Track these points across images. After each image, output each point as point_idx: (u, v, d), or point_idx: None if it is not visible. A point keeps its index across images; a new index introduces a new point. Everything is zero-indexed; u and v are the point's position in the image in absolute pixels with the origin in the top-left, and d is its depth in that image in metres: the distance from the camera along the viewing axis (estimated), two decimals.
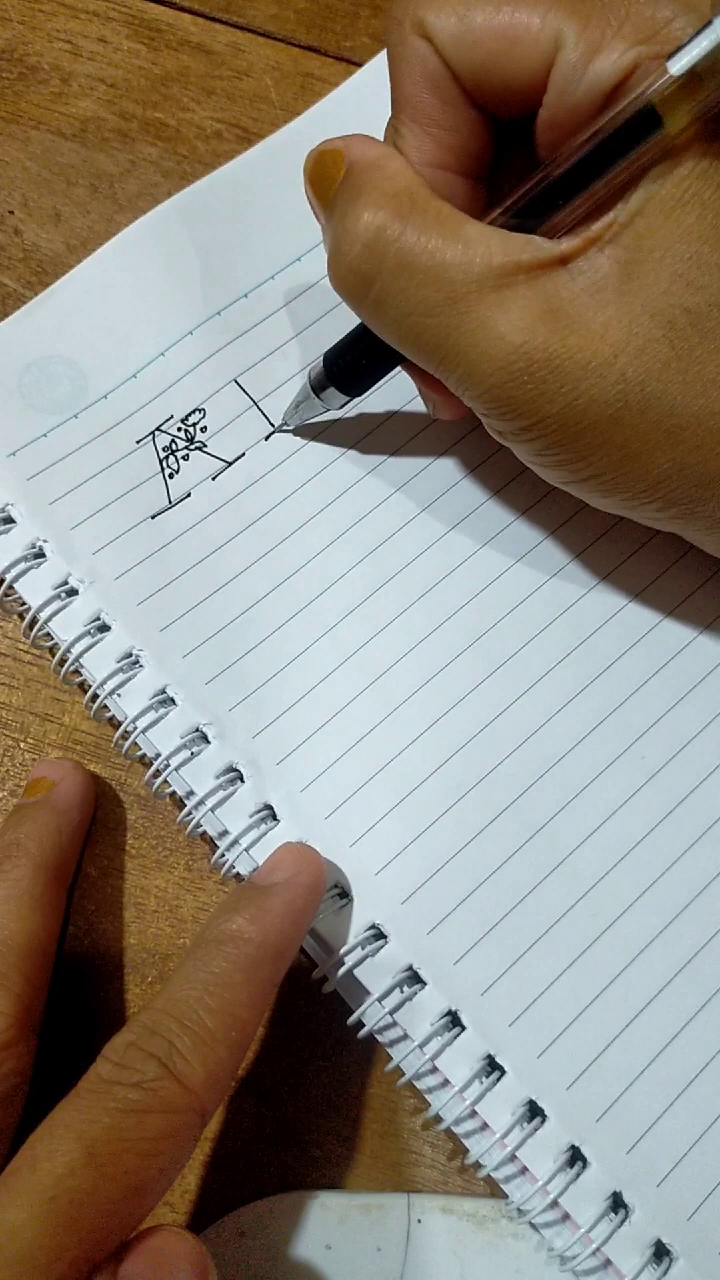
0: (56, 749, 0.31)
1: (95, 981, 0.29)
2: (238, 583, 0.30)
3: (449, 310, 0.23)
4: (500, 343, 0.23)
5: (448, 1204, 0.27)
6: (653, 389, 0.23)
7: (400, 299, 0.24)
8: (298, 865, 0.26)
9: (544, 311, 0.23)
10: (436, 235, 0.23)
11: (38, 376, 0.32)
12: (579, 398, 0.23)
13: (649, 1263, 0.25)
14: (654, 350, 0.23)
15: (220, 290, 0.34)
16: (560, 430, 0.24)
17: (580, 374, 0.23)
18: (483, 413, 0.25)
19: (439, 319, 0.24)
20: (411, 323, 0.24)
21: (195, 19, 0.38)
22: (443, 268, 0.23)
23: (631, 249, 0.23)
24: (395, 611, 0.30)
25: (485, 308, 0.23)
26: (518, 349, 0.23)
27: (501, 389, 0.24)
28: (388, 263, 0.24)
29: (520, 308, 0.23)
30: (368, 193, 0.24)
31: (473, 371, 0.24)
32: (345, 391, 0.30)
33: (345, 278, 0.25)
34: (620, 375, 0.23)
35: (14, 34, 0.38)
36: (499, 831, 0.28)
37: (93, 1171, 0.20)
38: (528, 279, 0.23)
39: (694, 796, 0.28)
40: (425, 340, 0.24)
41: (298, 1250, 0.26)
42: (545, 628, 0.30)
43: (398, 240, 0.23)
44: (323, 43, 0.38)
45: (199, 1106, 0.22)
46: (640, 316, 0.23)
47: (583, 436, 0.24)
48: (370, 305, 0.25)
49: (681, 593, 0.30)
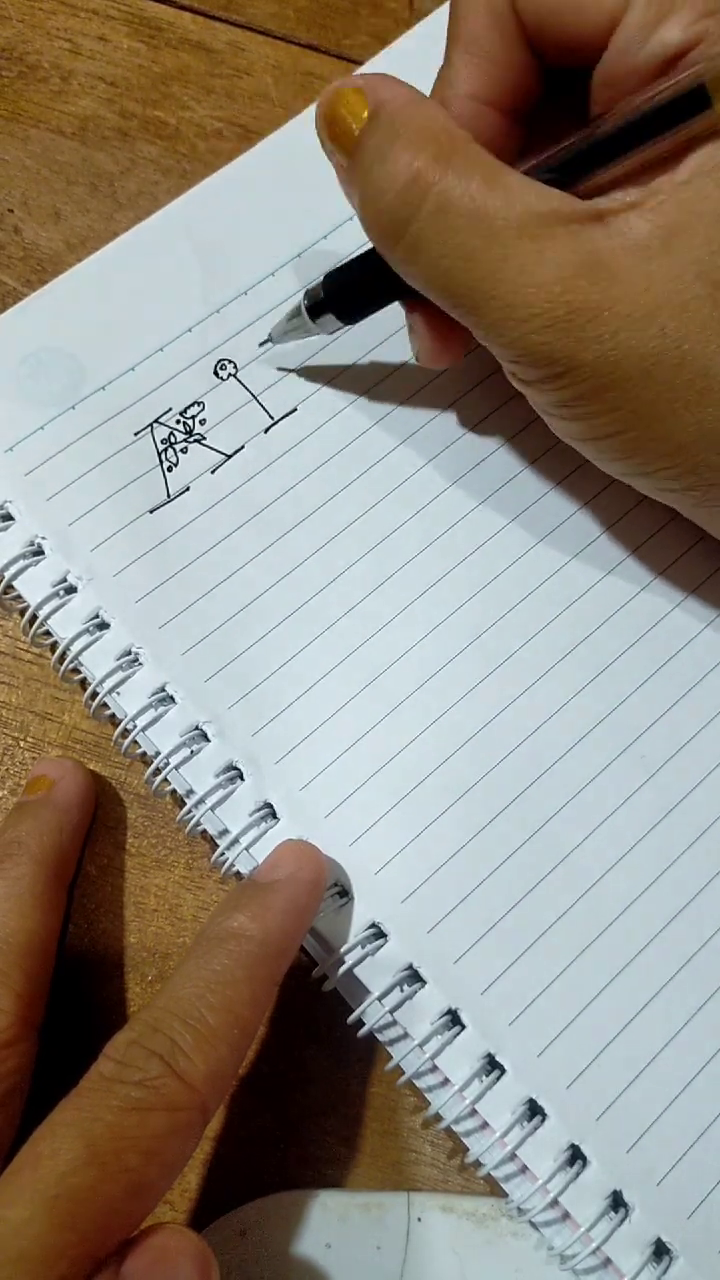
0: (56, 748, 0.31)
1: (96, 980, 0.29)
2: (237, 578, 0.30)
3: (487, 255, 0.23)
4: (539, 289, 0.23)
5: (448, 1203, 0.27)
6: (690, 347, 0.23)
7: (437, 242, 0.24)
8: (298, 862, 0.26)
9: (585, 261, 0.23)
10: (478, 180, 0.23)
11: (34, 368, 0.32)
12: (615, 348, 0.23)
13: (649, 1261, 0.24)
14: (696, 308, 0.23)
15: (220, 288, 0.33)
16: (592, 379, 0.24)
17: (619, 324, 0.23)
18: (513, 358, 0.25)
19: (476, 263, 0.23)
20: (447, 265, 0.24)
21: (195, 17, 0.38)
22: (483, 213, 0.23)
23: (675, 214, 0.23)
24: (396, 609, 0.30)
25: (525, 254, 0.23)
26: (557, 295, 0.23)
27: (538, 334, 0.23)
28: (427, 205, 0.23)
29: (561, 255, 0.23)
30: (406, 133, 0.24)
31: (509, 317, 0.23)
32: (342, 318, 0.30)
33: (379, 220, 0.25)
34: (660, 329, 0.23)
35: (14, 32, 0.38)
36: (499, 830, 0.28)
37: (95, 1169, 0.20)
38: (567, 230, 0.23)
39: (694, 795, 0.28)
40: (459, 285, 0.24)
41: (298, 1249, 0.26)
42: (545, 626, 0.30)
43: (438, 184, 0.23)
44: (323, 41, 0.38)
45: (201, 1104, 0.22)
46: (685, 274, 0.23)
47: (613, 389, 0.24)
48: (404, 248, 0.24)
49: (681, 592, 0.30)
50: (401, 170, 0.24)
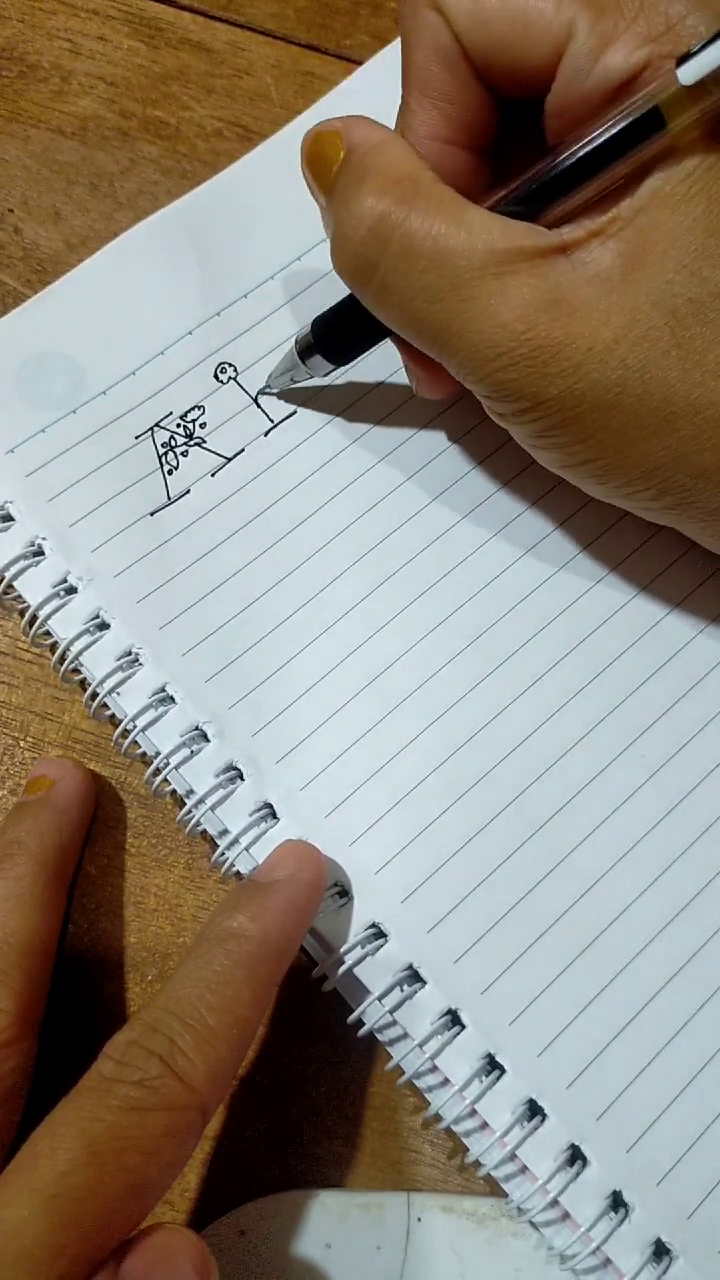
0: (56, 748, 0.31)
1: (95, 980, 0.29)
2: (237, 580, 0.30)
3: (451, 296, 0.23)
4: (503, 329, 0.23)
5: (448, 1203, 0.27)
6: (652, 376, 0.23)
7: (403, 285, 0.24)
8: (298, 862, 0.26)
9: (546, 297, 0.23)
10: (440, 221, 0.23)
11: (35, 372, 0.32)
12: (579, 381, 0.23)
13: (648, 1261, 0.24)
14: (655, 338, 0.23)
15: (220, 290, 0.34)
16: (560, 413, 0.24)
17: (581, 359, 0.23)
18: (483, 395, 0.26)
19: (441, 304, 0.24)
20: (414, 308, 0.24)
21: (195, 17, 0.38)
22: (445, 254, 0.23)
23: (635, 241, 0.23)
24: (395, 609, 0.30)
25: (488, 294, 0.23)
26: (520, 334, 0.23)
27: (503, 373, 0.24)
28: (391, 249, 0.24)
29: (522, 293, 0.23)
30: (371, 177, 0.24)
31: (475, 356, 0.24)
32: (331, 360, 0.30)
33: (348, 263, 0.25)
34: (621, 361, 0.23)
35: (14, 32, 0.38)
36: (499, 830, 0.28)
37: (94, 1169, 0.20)
38: (530, 266, 0.23)
39: (694, 795, 0.28)
40: (427, 325, 0.24)
41: (298, 1249, 0.26)
42: (545, 626, 0.30)
43: (401, 226, 0.24)
44: (323, 41, 0.38)
45: (200, 1104, 0.22)
46: (643, 305, 0.23)
47: (581, 420, 0.24)
48: (373, 290, 0.25)
49: (681, 592, 0.30)
50: (366, 213, 0.24)
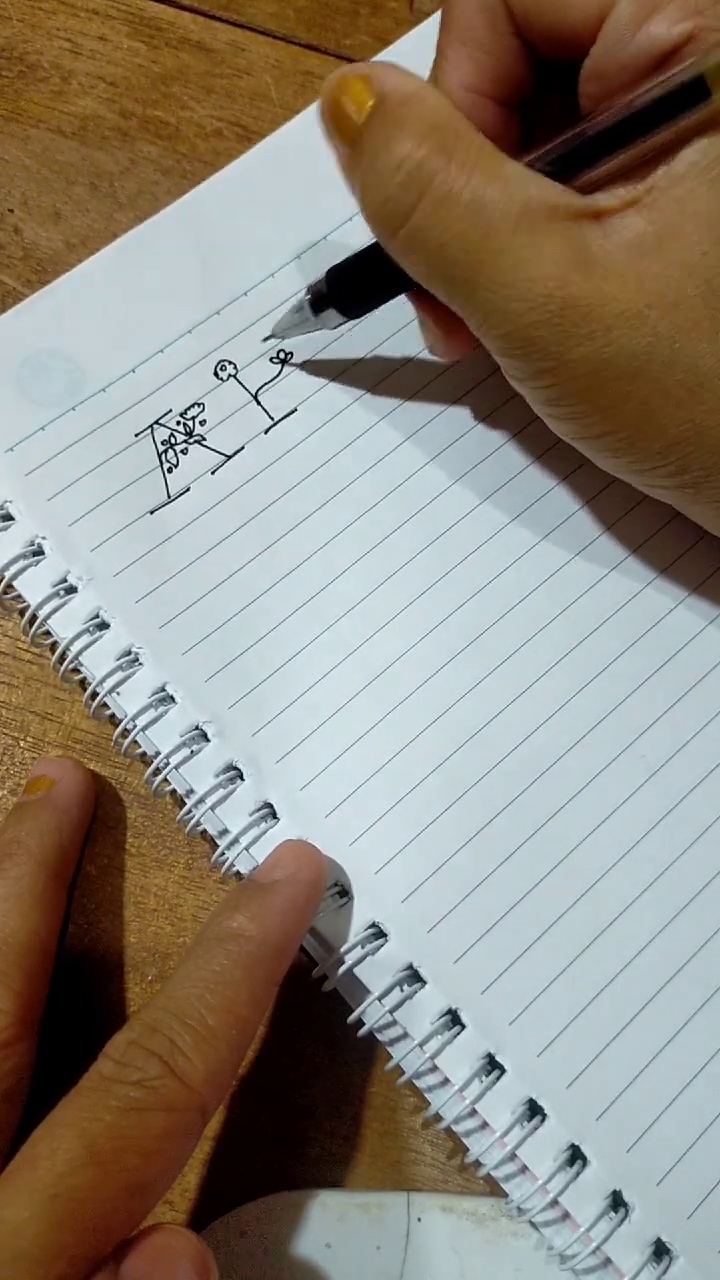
0: (56, 747, 0.31)
1: (95, 980, 0.29)
2: (237, 579, 0.30)
3: (484, 246, 0.23)
4: (534, 282, 0.23)
5: (447, 1203, 0.27)
6: (681, 346, 0.23)
7: (436, 233, 0.24)
8: (298, 862, 0.26)
9: (579, 257, 0.23)
10: (478, 171, 0.23)
11: (35, 370, 0.32)
12: (607, 345, 0.23)
13: (648, 1261, 0.24)
14: (688, 307, 0.23)
15: (220, 290, 0.33)
16: (583, 378, 0.24)
17: (611, 322, 0.23)
18: (504, 352, 0.25)
19: (473, 254, 0.23)
20: (445, 255, 0.24)
21: (195, 17, 0.38)
22: (481, 204, 0.23)
23: (671, 212, 0.23)
24: (396, 608, 0.30)
25: (521, 247, 0.23)
26: (551, 290, 0.23)
27: (532, 328, 0.23)
28: (429, 196, 0.23)
29: (557, 250, 0.23)
30: (409, 124, 0.24)
31: (502, 309, 0.24)
32: (345, 313, 0.30)
33: (380, 209, 0.25)
34: (652, 328, 0.23)
35: (14, 32, 0.38)
36: (499, 830, 0.28)
37: (94, 1170, 0.20)
38: (564, 225, 0.23)
39: (694, 795, 0.28)
40: (457, 274, 0.24)
41: (298, 1249, 0.26)
42: (545, 626, 0.30)
43: (439, 173, 0.23)
44: (323, 41, 0.38)
45: (200, 1105, 0.22)
46: (677, 274, 0.23)
47: (604, 387, 0.24)
48: (404, 238, 0.24)
49: (682, 591, 0.30)
50: (404, 160, 0.23)
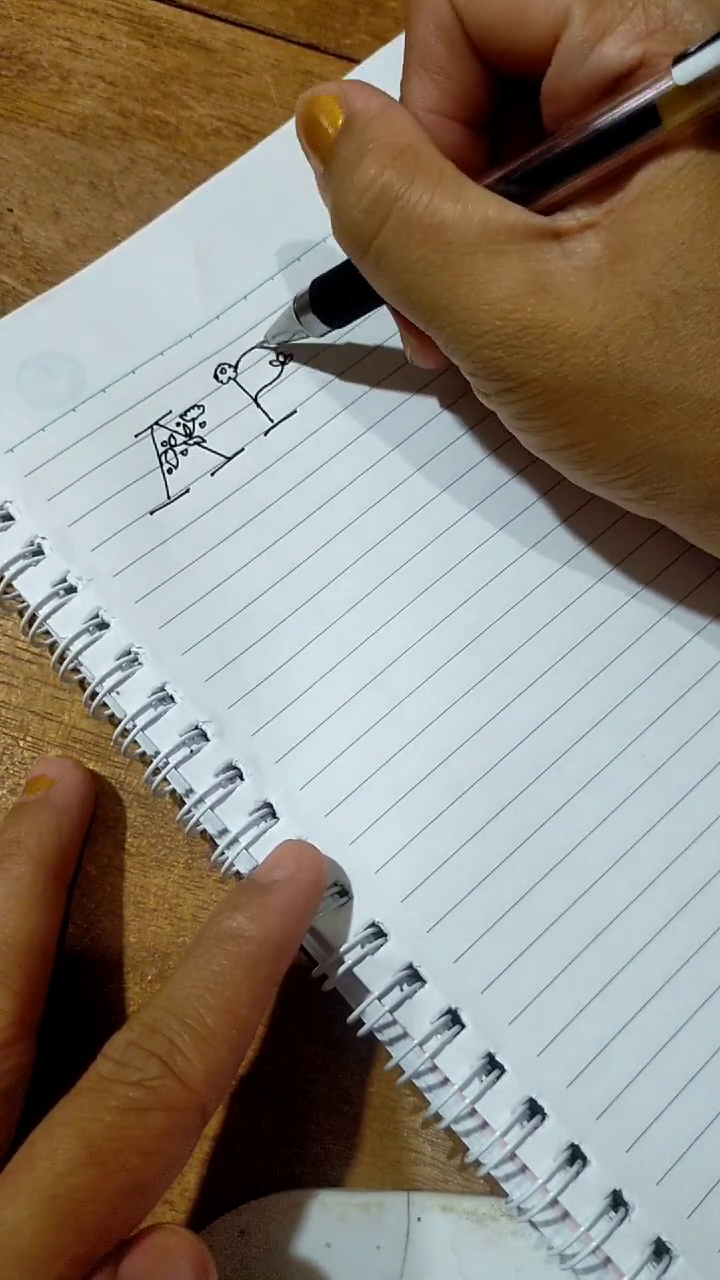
0: (56, 747, 0.31)
1: (95, 980, 0.29)
2: (237, 579, 0.30)
3: (444, 270, 0.24)
4: (490, 307, 0.24)
5: (447, 1202, 0.27)
6: (633, 364, 0.23)
7: (399, 255, 0.24)
8: (298, 862, 0.26)
9: (536, 281, 0.23)
10: (438, 194, 0.24)
11: (35, 371, 0.32)
12: (562, 365, 0.24)
13: (648, 1261, 0.24)
14: (638, 328, 0.23)
15: (220, 292, 0.34)
16: (543, 395, 0.24)
17: (565, 343, 0.23)
18: (468, 371, 0.26)
19: (434, 278, 0.24)
20: (407, 279, 0.25)
21: (195, 16, 0.38)
22: (441, 227, 0.24)
23: (624, 233, 0.23)
24: (395, 608, 0.30)
25: (479, 271, 0.24)
26: (507, 314, 0.24)
27: (490, 350, 0.24)
28: (391, 220, 0.24)
29: (513, 274, 0.23)
30: (374, 147, 0.24)
31: (462, 332, 0.24)
32: (328, 323, 0.30)
33: (348, 231, 0.25)
34: (604, 348, 0.23)
35: (13, 31, 0.38)
36: (499, 829, 0.28)
37: (93, 1170, 0.20)
38: (521, 248, 0.23)
39: (694, 794, 0.28)
40: (419, 298, 0.25)
41: (298, 1248, 0.26)
42: (545, 625, 0.30)
43: (401, 197, 0.24)
44: (322, 40, 0.38)
45: (200, 1105, 0.22)
46: (628, 295, 0.23)
47: (563, 403, 0.24)
48: (370, 260, 0.25)
49: (682, 590, 0.30)
50: (368, 183, 0.24)
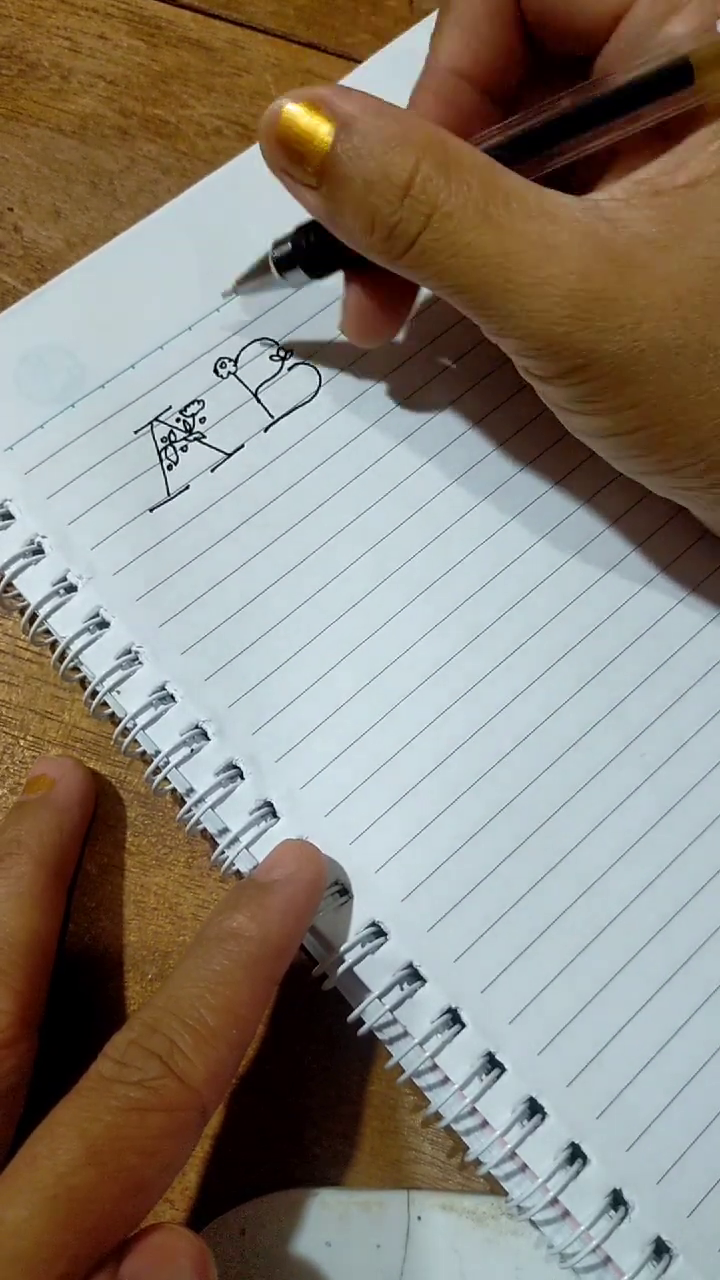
0: (56, 746, 0.31)
1: (95, 979, 0.29)
2: (237, 577, 0.30)
3: (500, 249, 0.23)
4: (559, 279, 0.22)
5: (447, 1201, 0.27)
6: (713, 338, 0.23)
7: (446, 247, 0.23)
8: (298, 862, 0.26)
9: (601, 251, 0.23)
10: (479, 185, 0.23)
11: (34, 366, 0.32)
12: (639, 339, 0.23)
13: (648, 1260, 0.24)
14: (716, 300, 0.23)
15: (219, 286, 0.33)
16: (614, 374, 0.23)
17: (642, 315, 0.23)
18: (531, 351, 0.24)
19: (490, 260, 0.23)
20: (459, 265, 0.23)
21: (195, 15, 0.38)
22: (489, 219, 0.23)
23: (684, 213, 0.23)
24: (396, 607, 0.30)
25: (536, 247, 0.22)
26: (578, 285, 0.22)
27: (555, 327, 0.23)
28: (436, 214, 0.23)
29: (576, 248, 0.23)
30: (399, 143, 0.23)
31: (527, 308, 0.23)
32: (311, 274, 0.29)
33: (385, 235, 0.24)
34: (684, 320, 0.23)
35: (13, 30, 0.38)
36: (499, 829, 0.28)
37: (94, 1169, 0.20)
38: (575, 225, 0.23)
39: (694, 794, 0.28)
40: (473, 282, 0.23)
41: (298, 1247, 0.26)
42: (545, 625, 0.30)
43: (443, 191, 0.23)
44: (322, 39, 0.38)
45: (200, 1104, 0.22)
46: (701, 268, 0.23)
47: (635, 381, 0.23)
48: (411, 259, 0.24)
49: (681, 590, 0.30)
50: (405, 178, 0.23)
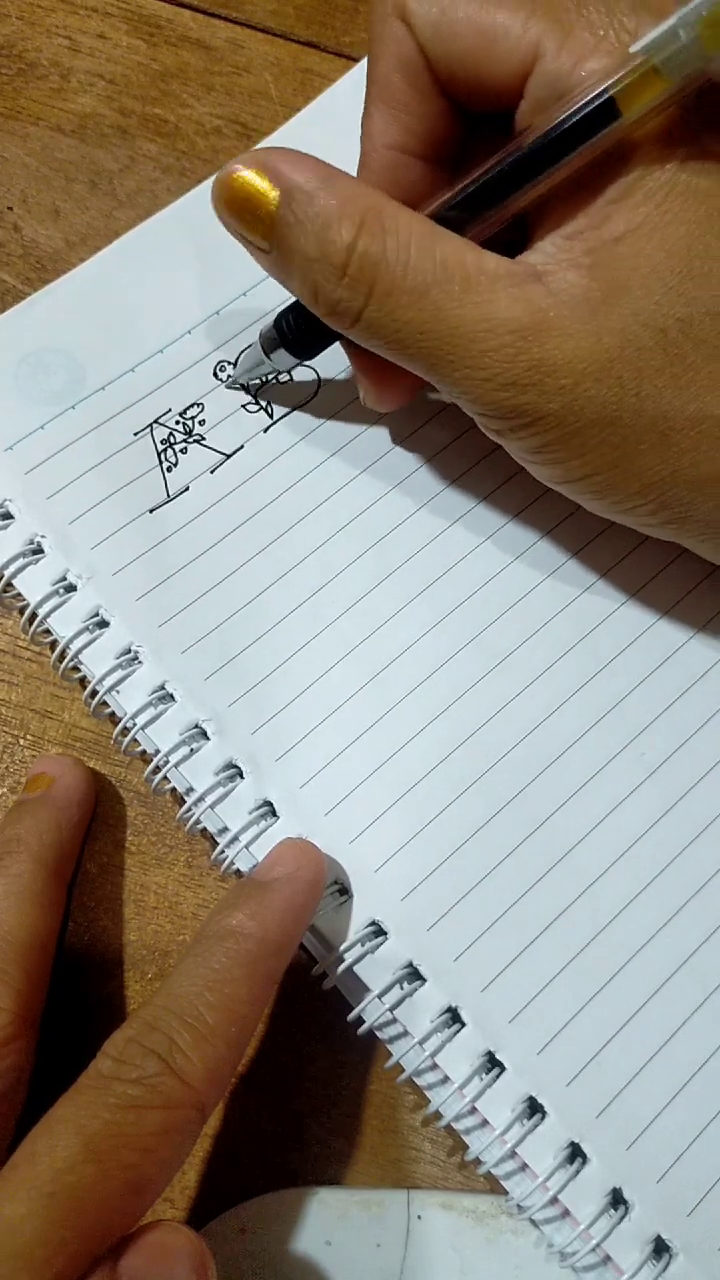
0: (56, 745, 0.31)
1: (95, 978, 0.29)
2: (236, 577, 0.30)
3: (438, 327, 0.23)
4: (495, 352, 0.23)
5: (447, 1200, 0.27)
6: (648, 392, 0.23)
7: (387, 322, 0.24)
8: (298, 861, 0.26)
9: (534, 319, 0.23)
10: (415, 254, 0.23)
11: (34, 367, 0.32)
12: (576, 399, 0.23)
13: (648, 1259, 0.24)
14: (647, 357, 0.23)
15: (219, 289, 0.33)
16: (559, 428, 0.24)
17: (578, 377, 0.23)
18: (478, 414, 0.25)
19: (429, 335, 0.24)
20: (402, 339, 0.24)
21: (194, 15, 0.38)
22: (425, 289, 0.23)
23: (615, 270, 0.23)
24: (395, 606, 0.30)
25: (473, 322, 0.23)
26: (513, 357, 0.23)
27: (501, 392, 0.24)
28: (375, 290, 0.24)
29: (508, 317, 0.23)
30: (334, 216, 0.23)
31: (469, 379, 0.24)
32: (295, 355, 0.30)
33: (329, 308, 0.25)
34: (618, 379, 0.23)
35: (13, 30, 0.38)
36: (499, 828, 0.28)
37: (92, 1167, 0.20)
38: (509, 292, 0.23)
39: (694, 793, 0.28)
40: (417, 355, 0.24)
41: (298, 1246, 0.26)
42: (545, 624, 0.30)
43: (378, 264, 0.23)
44: (322, 38, 0.38)
45: (199, 1103, 0.22)
46: (631, 325, 0.23)
47: (579, 435, 0.24)
48: (359, 331, 0.25)
49: (681, 590, 0.30)
50: (343, 254, 0.23)
